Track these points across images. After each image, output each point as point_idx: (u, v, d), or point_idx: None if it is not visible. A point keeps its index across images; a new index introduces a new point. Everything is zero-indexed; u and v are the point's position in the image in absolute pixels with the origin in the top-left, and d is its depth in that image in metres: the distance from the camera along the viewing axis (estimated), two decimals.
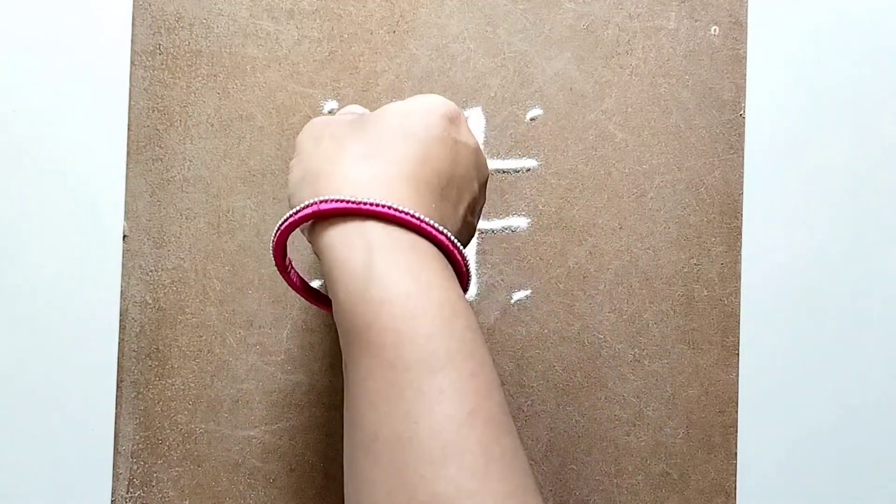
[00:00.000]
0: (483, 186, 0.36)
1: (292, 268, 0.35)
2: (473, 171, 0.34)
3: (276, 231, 0.32)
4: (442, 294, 0.30)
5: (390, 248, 0.30)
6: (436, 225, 0.31)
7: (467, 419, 0.27)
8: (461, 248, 0.32)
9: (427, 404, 0.28)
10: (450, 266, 0.32)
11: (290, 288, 0.37)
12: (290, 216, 0.32)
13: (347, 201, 0.30)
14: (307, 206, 0.31)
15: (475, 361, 0.29)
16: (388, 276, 0.29)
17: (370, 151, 0.32)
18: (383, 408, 0.28)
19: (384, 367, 0.28)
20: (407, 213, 0.30)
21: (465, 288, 0.33)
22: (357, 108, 0.38)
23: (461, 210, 0.34)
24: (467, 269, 0.33)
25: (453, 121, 0.34)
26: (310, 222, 0.32)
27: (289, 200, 0.34)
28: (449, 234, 0.31)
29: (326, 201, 0.31)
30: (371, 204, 0.30)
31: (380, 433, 0.28)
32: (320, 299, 0.35)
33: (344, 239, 0.31)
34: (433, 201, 0.32)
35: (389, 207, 0.30)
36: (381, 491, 0.27)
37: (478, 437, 0.27)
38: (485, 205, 0.43)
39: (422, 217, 0.31)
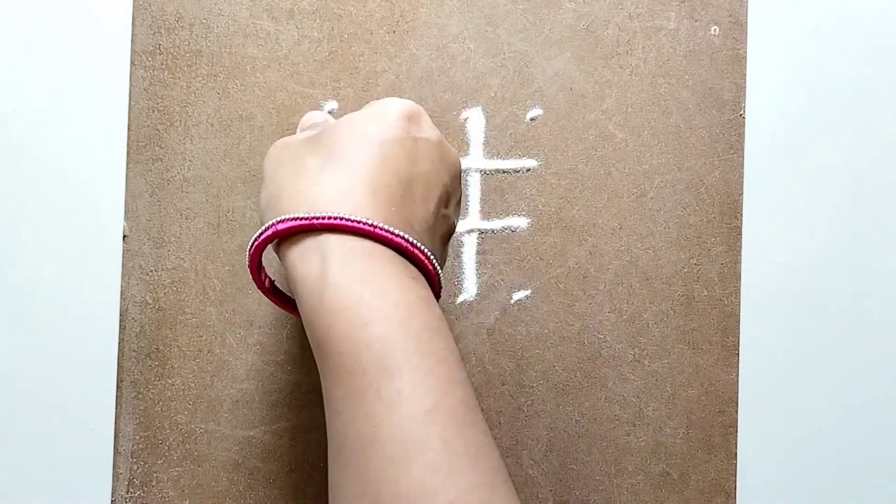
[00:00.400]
0: (455, 178, 0.36)
1: (269, 282, 0.36)
2: (439, 164, 0.35)
3: (248, 255, 0.34)
4: (397, 296, 0.30)
5: (343, 257, 0.31)
6: (389, 228, 0.31)
7: (426, 417, 0.28)
8: (421, 247, 0.32)
9: (386, 406, 0.28)
10: (411, 267, 0.32)
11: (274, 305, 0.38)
12: (254, 240, 0.33)
13: (301, 218, 0.31)
14: (267, 228, 0.32)
15: (434, 359, 0.29)
16: (341, 285, 0.30)
17: (326, 164, 0.33)
18: (347, 414, 0.29)
19: (344, 374, 0.29)
20: (358, 221, 0.31)
21: (435, 286, 0.33)
22: (317, 116, 0.38)
23: (431, 206, 0.34)
24: (434, 268, 0.33)
25: (412, 119, 0.34)
26: (275, 242, 0.33)
27: (260, 225, 0.35)
28: (405, 235, 0.32)
29: (283, 220, 0.32)
30: (323, 217, 0.31)
31: (346, 439, 0.29)
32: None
33: (302, 254, 0.31)
34: (392, 204, 0.32)
35: (340, 218, 0.31)
36: (350, 495, 0.28)
37: (439, 433, 0.28)
38: (484, 204, 0.43)
39: (374, 223, 0.31)
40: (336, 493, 0.29)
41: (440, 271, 0.34)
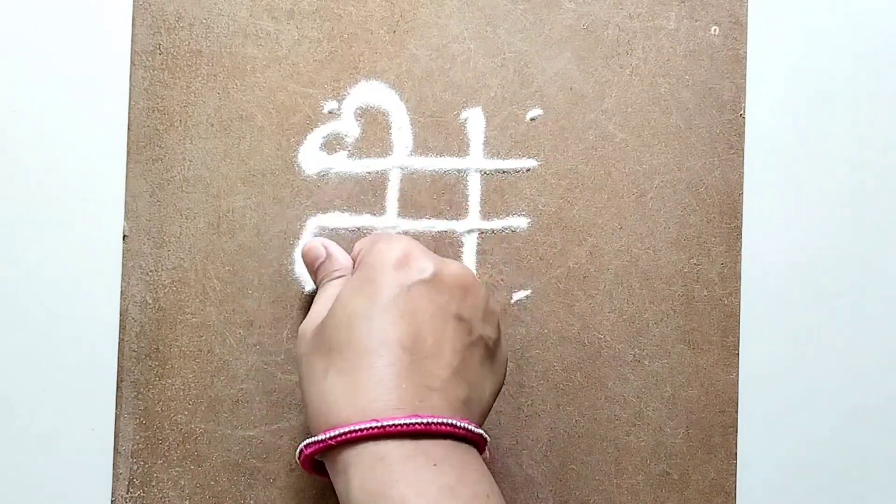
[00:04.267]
0: (466, 297, 0.35)
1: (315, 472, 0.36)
2: (442, 298, 0.34)
3: (298, 458, 0.34)
4: (467, 491, 0.30)
5: (359, 472, 0.31)
6: (399, 423, 0.31)
7: None
8: (438, 420, 0.31)
9: None
10: (433, 451, 0.31)
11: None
12: (297, 458, 0.34)
13: (318, 442, 0.32)
14: (301, 453, 0.33)
15: None
16: (398, 498, 0.30)
17: (330, 365, 0.33)
18: None
19: None
20: (363, 429, 0.31)
21: (482, 448, 0.33)
22: (316, 250, 0.39)
23: (447, 348, 0.33)
24: (465, 429, 0.32)
25: (399, 265, 0.34)
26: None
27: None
28: (419, 420, 0.31)
29: (309, 445, 0.33)
30: (335, 436, 0.31)
31: None
32: None
33: (334, 471, 0.33)
34: (402, 381, 0.32)
35: (348, 432, 0.31)
36: None
37: None
38: (484, 204, 0.43)
39: (380, 424, 0.31)
40: None
41: (477, 429, 0.33)
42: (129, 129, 0.43)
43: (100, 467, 0.42)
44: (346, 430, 0.31)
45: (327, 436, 0.31)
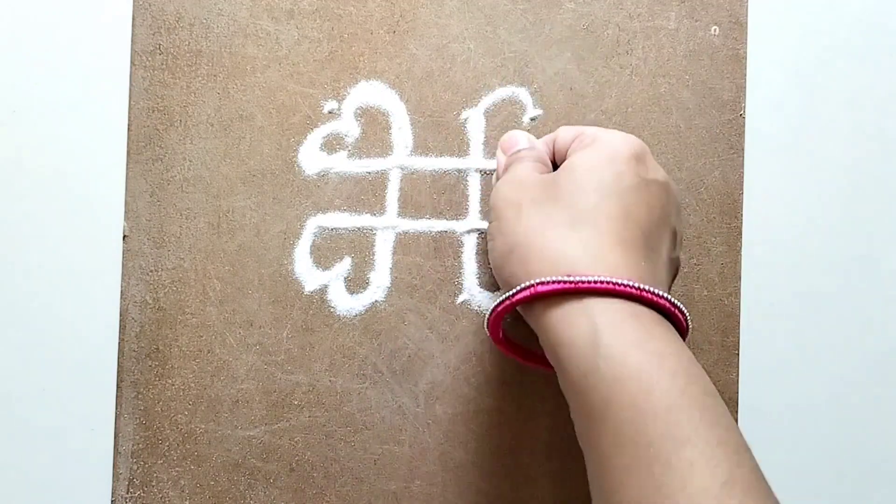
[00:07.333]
0: (680, 217, 0.36)
1: (506, 338, 0.36)
2: (668, 206, 0.35)
3: (492, 311, 0.34)
4: (673, 362, 0.30)
5: (613, 322, 0.30)
6: (653, 290, 0.31)
7: (723, 490, 0.27)
8: (681, 307, 0.32)
9: (678, 478, 0.27)
10: (672, 327, 0.32)
11: (498, 348, 0.38)
12: (507, 298, 0.33)
13: (565, 282, 0.31)
14: (525, 289, 0.32)
15: (721, 428, 0.28)
16: (616, 353, 0.29)
17: (572, 219, 0.33)
18: (633, 485, 0.28)
19: (627, 444, 0.28)
20: (624, 285, 0.31)
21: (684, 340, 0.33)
22: (520, 138, 0.39)
23: (664, 252, 0.34)
24: (688, 325, 0.33)
25: (639, 159, 0.34)
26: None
27: (495, 272, 0.35)
28: (667, 296, 0.31)
29: (544, 283, 0.31)
30: (588, 281, 0.31)
31: None
32: (541, 360, 0.36)
33: (565, 318, 0.31)
34: (641, 259, 0.32)
35: (606, 282, 0.31)
36: None
37: None
38: (484, 204, 0.43)
39: (639, 286, 0.31)
40: None
41: (691, 326, 0.33)
42: (129, 129, 0.43)
43: (100, 467, 0.42)
44: (607, 279, 0.31)
45: (582, 278, 0.31)
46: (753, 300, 0.43)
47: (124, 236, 0.43)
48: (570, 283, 0.31)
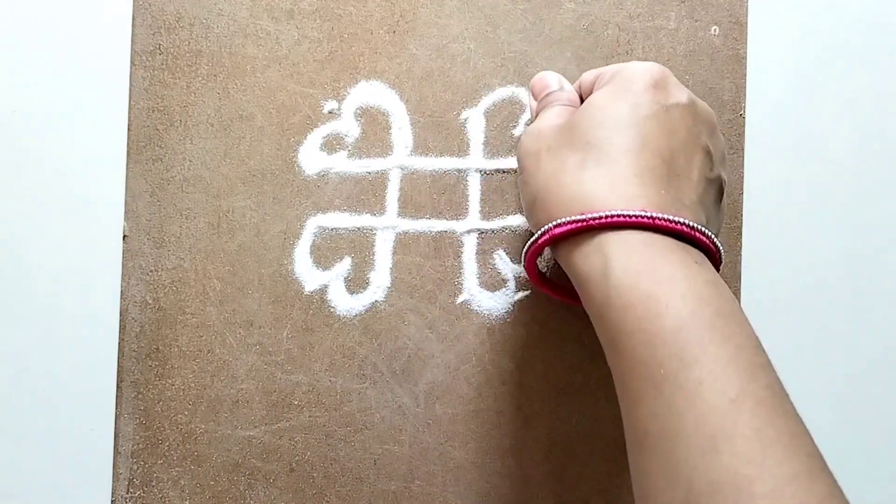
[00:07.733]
0: (714, 134, 0.35)
1: (541, 275, 0.38)
2: (695, 127, 0.34)
3: (524, 257, 0.35)
4: (684, 286, 0.30)
5: (624, 253, 0.31)
6: (666, 216, 0.31)
7: (731, 406, 0.27)
8: (700, 228, 0.32)
9: (688, 397, 0.28)
10: (693, 250, 0.32)
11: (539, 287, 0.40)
12: (532, 245, 0.34)
13: (577, 221, 0.32)
14: (543, 233, 0.33)
15: (732, 346, 0.29)
16: (625, 282, 0.30)
17: (586, 157, 0.33)
18: (646, 405, 0.29)
19: (638, 366, 0.29)
20: (634, 215, 0.31)
21: (716, 262, 0.33)
22: (550, 79, 0.39)
23: (694, 175, 0.34)
24: (715, 246, 0.33)
25: (658, 85, 0.34)
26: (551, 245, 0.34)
27: (527, 221, 0.36)
28: (683, 220, 0.32)
29: (559, 225, 0.33)
30: (599, 217, 0.31)
31: (648, 429, 0.29)
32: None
33: (582, 254, 0.32)
34: (661, 187, 0.32)
35: (616, 215, 0.31)
36: (659, 482, 0.28)
37: (747, 421, 0.27)
38: (484, 204, 0.43)
39: (652, 214, 0.31)
40: (640, 477, 0.29)
41: (720, 246, 0.33)
42: (129, 129, 0.43)
43: (100, 467, 0.42)
44: (618, 213, 0.31)
45: (593, 215, 0.31)
46: (753, 300, 0.43)
47: (124, 236, 0.43)
48: (583, 221, 0.32)
